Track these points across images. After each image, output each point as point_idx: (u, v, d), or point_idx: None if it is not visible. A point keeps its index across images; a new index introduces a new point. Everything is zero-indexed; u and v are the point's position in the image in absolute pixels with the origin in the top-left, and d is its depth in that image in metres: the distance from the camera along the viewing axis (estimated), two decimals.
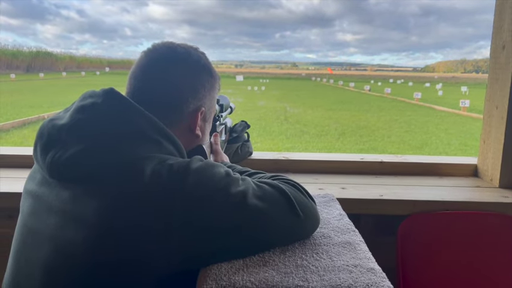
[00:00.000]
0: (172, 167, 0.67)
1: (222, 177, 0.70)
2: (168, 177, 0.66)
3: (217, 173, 0.70)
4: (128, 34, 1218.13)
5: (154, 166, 0.67)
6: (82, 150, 0.67)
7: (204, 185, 0.67)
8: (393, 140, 8.56)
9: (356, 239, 0.85)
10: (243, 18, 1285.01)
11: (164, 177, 0.66)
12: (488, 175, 1.48)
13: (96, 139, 0.68)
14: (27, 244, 0.71)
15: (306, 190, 0.82)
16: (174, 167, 0.67)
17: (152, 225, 0.63)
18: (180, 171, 0.67)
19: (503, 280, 1.27)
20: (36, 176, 0.76)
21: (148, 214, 0.64)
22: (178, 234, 0.64)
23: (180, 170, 0.67)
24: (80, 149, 0.67)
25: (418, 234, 1.28)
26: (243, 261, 0.72)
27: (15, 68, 48.01)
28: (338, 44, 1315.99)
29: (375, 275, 0.70)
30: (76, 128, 0.70)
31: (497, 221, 1.28)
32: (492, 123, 1.47)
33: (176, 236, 0.64)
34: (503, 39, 1.41)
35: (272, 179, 0.82)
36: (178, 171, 0.67)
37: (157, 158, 0.69)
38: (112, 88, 0.74)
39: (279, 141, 8.00)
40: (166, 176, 0.66)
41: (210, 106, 0.89)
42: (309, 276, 0.68)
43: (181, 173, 0.67)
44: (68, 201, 0.67)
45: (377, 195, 1.29)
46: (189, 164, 0.69)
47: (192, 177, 0.67)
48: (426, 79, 62.97)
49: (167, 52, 0.83)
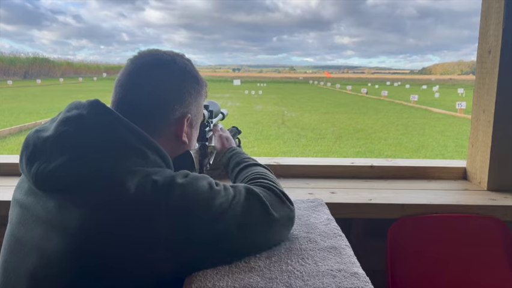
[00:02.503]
0: (156, 183, 0.68)
1: (205, 191, 0.72)
2: (152, 192, 0.67)
3: (201, 186, 0.72)
4: (125, 39, 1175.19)
5: (138, 181, 0.68)
6: (66, 162, 0.68)
7: (187, 200, 0.69)
8: (390, 142, 8.59)
9: (342, 243, 0.86)
10: (240, 22, 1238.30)
11: (148, 192, 0.67)
12: (477, 178, 1.50)
13: (80, 151, 0.69)
14: (14, 254, 0.72)
15: (283, 192, 0.84)
16: (159, 183, 0.69)
17: (137, 236, 0.65)
18: (165, 186, 0.69)
19: (492, 282, 1.29)
20: (23, 186, 0.77)
21: (133, 225, 0.65)
22: (162, 245, 0.65)
23: (165, 185, 0.69)
24: (64, 160, 0.68)
25: (407, 237, 1.29)
26: (228, 267, 0.73)
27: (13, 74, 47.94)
28: (336, 47, 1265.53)
29: (359, 279, 0.72)
30: (61, 139, 0.70)
31: (485, 223, 1.29)
32: (479, 127, 1.49)
33: (161, 246, 0.65)
34: (489, 44, 1.43)
35: (251, 182, 0.86)
36: (163, 186, 0.68)
37: (142, 172, 0.70)
38: (97, 100, 0.75)
39: (276, 145, 8.02)
40: (150, 191, 0.67)
41: (196, 112, 0.90)
42: (293, 282, 0.70)
43: (165, 188, 0.68)
44: (54, 211, 0.68)
45: (367, 199, 1.31)
46: (174, 179, 0.70)
47: (176, 193, 0.68)
48: (423, 81, 63.17)
49: (152, 59, 0.85)
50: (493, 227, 1.29)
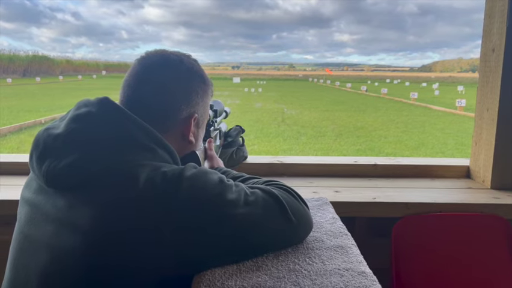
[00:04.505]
0: (166, 175, 0.69)
1: (216, 185, 0.71)
2: (162, 184, 0.67)
3: (211, 180, 0.72)
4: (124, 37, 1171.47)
5: (148, 173, 0.68)
6: (77, 159, 0.69)
7: (197, 193, 0.69)
8: (390, 140, 8.59)
9: (348, 242, 0.86)
10: (239, 20, 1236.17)
11: (158, 184, 0.67)
12: (480, 176, 1.50)
13: (90, 148, 0.70)
14: (24, 251, 0.72)
15: (299, 195, 0.83)
16: (168, 175, 0.69)
17: (146, 230, 0.65)
18: (174, 178, 0.68)
19: (496, 280, 1.29)
20: (32, 184, 0.77)
21: (142, 219, 0.65)
22: (171, 240, 0.65)
23: (174, 178, 0.69)
24: (75, 157, 0.69)
25: (411, 235, 1.29)
26: (236, 266, 0.73)
27: (12, 72, 47.87)
28: (335, 45, 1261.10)
29: (366, 278, 0.72)
30: (71, 137, 0.71)
31: (489, 222, 1.30)
32: (483, 125, 1.49)
33: (170, 241, 0.65)
34: (493, 42, 1.43)
35: (265, 185, 0.84)
36: (172, 178, 0.68)
37: (151, 165, 0.70)
38: (106, 97, 0.76)
39: (276, 143, 8.02)
40: (160, 183, 0.67)
41: (203, 112, 0.90)
42: (301, 281, 0.70)
43: (174, 180, 0.68)
44: (64, 209, 0.68)
45: (371, 198, 1.31)
46: (183, 171, 0.70)
47: (185, 185, 0.68)
48: (423, 79, 63.19)
49: (160, 60, 0.85)
50: (496, 225, 1.29)
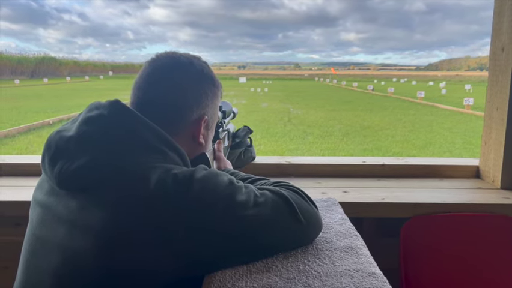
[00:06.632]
0: (177, 176, 0.69)
1: (226, 186, 0.72)
2: (173, 185, 0.68)
3: (221, 181, 0.72)
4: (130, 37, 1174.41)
5: (159, 175, 0.69)
6: (89, 161, 0.70)
7: (208, 194, 0.69)
8: (397, 139, 8.55)
9: (358, 243, 0.86)
10: (245, 19, 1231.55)
11: (169, 186, 0.68)
12: (490, 176, 1.49)
13: (102, 150, 0.71)
14: (36, 253, 0.73)
15: (308, 196, 0.84)
16: (179, 176, 0.69)
17: (157, 231, 0.65)
18: (185, 180, 0.69)
19: (505, 281, 1.28)
20: (44, 186, 0.78)
21: (153, 219, 0.66)
22: (182, 240, 0.66)
23: (185, 179, 0.69)
24: (87, 159, 0.70)
25: (420, 236, 1.29)
26: (246, 267, 0.73)
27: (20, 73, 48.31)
28: (341, 44, 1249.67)
29: (377, 279, 0.72)
30: (83, 139, 0.72)
31: (498, 222, 1.28)
32: (493, 125, 1.48)
33: (181, 241, 0.66)
34: (502, 41, 1.42)
35: (274, 186, 0.84)
36: (183, 180, 0.69)
37: (162, 167, 0.71)
38: (117, 100, 0.77)
39: (282, 143, 8.01)
40: (171, 184, 0.68)
41: (212, 114, 0.91)
42: (312, 282, 0.70)
43: (185, 182, 0.69)
44: (76, 211, 0.69)
45: (379, 198, 1.30)
46: (193, 173, 0.71)
47: (196, 186, 0.69)
48: (430, 77, 62.73)
49: (170, 62, 0.85)
50: (506, 225, 1.28)
